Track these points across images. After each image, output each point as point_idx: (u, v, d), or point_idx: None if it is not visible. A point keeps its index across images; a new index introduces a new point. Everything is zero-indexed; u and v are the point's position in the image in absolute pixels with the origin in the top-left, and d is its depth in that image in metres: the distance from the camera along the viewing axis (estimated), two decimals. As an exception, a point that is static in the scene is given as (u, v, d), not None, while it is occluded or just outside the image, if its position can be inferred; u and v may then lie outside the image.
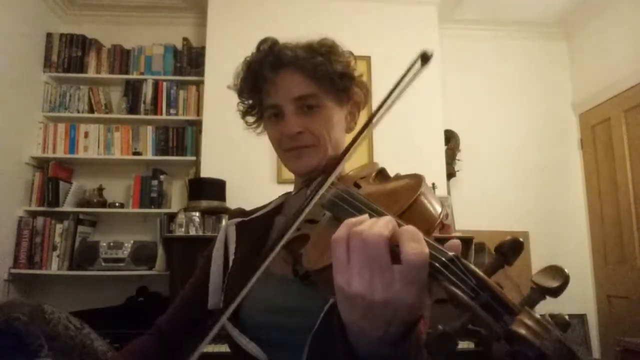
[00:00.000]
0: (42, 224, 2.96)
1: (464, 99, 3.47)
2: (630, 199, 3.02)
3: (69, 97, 3.21)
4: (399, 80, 0.62)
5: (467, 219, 3.14)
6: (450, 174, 3.17)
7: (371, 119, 0.64)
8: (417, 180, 0.60)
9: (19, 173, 2.98)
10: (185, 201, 2.88)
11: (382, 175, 0.78)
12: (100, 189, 3.14)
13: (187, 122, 3.22)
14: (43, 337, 0.83)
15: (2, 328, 0.82)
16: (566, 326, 0.36)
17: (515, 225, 3.24)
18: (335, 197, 0.62)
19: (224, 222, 2.60)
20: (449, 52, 3.37)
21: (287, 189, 1.01)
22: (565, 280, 0.39)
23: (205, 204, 2.71)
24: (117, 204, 3.12)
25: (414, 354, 0.50)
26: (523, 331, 0.35)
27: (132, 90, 3.23)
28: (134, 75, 3.25)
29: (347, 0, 3.16)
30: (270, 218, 0.93)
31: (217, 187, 2.79)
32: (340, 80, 0.86)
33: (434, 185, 2.71)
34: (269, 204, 0.99)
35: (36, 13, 3.14)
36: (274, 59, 0.85)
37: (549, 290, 0.39)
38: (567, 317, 0.37)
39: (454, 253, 0.43)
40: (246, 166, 2.91)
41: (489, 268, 0.42)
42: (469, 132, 3.34)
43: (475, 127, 3.41)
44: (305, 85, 0.84)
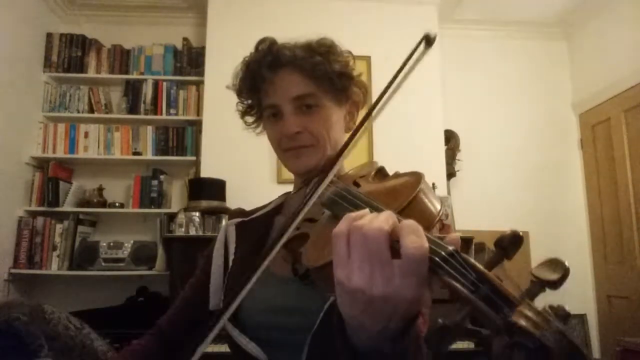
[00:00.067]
0: (42, 224, 2.96)
1: (464, 99, 3.47)
2: (630, 199, 3.02)
3: (69, 97, 3.21)
4: (404, 63, 0.61)
5: (467, 219, 3.13)
6: (450, 174, 3.17)
7: (377, 103, 0.63)
8: (416, 178, 0.60)
9: (19, 173, 2.98)
10: (185, 201, 2.88)
11: (382, 173, 0.78)
12: (100, 189, 3.14)
13: (187, 122, 3.22)
14: (43, 337, 0.83)
15: (2, 328, 0.82)
16: (566, 317, 0.36)
17: (515, 226, 3.10)
18: (334, 195, 0.62)
19: (224, 222, 2.60)
20: (449, 52, 3.37)
21: (287, 189, 1.01)
22: (565, 272, 0.39)
23: (205, 204, 2.71)
24: (117, 204, 3.12)
25: (413, 350, 0.50)
26: (523, 322, 0.35)
27: (132, 90, 3.23)
28: (134, 75, 3.25)
29: (347, 0, 3.16)
30: (270, 218, 0.93)
31: (217, 187, 2.79)
32: (339, 80, 0.86)
33: (434, 185, 2.71)
34: (269, 204, 0.99)
35: (36, 13, 3.13)
36: (272, 58, 0.85)
37: (549, 282, 0.39)
38: (567, 307, 0.37)
39: (453, 247, 0.43)
40: (246, 166, 2.91)
41: (489, 262, 0.42)
42: (469, 132, 3.34)
43: (475, 127, 3.41)
44: (303, 84, 0.84)
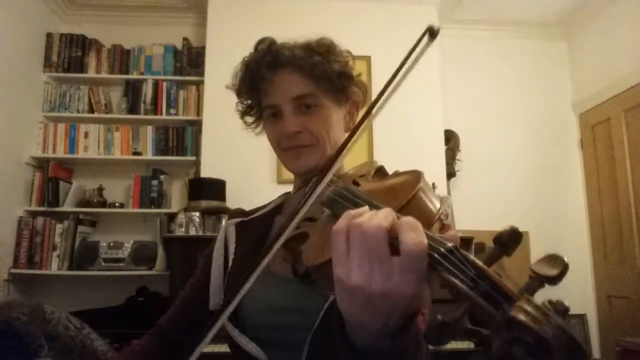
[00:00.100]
0: (42, 224, 2.96)
1: (464, 99, 3.47)
2: (630, 199, 3.02)
3: (69, 97, 3.21)
4: (407, 56, 0.61)
5: (467, 219, 3.13)
6: (450, 174, 3.17)
7: (378, 98, 0.63)
8: (415, 177, 0.59)
9: (19, 173, 2.98)
10: (185, 201, 2.88)
11: (381, 172, 0.78)
12: (100, 189, 3.14)
13: (187, 122, 3.22)
14: (43, 337, 0.83)
15: (2, 328, 0.82)
16: (565, 312, 0.36)
17: (515, 225, 3.23)
18: (334, 194, 0.62)
19: (223, 222, 2.60)
20: (449, 52, 3.37)
21: (287, 189, 1.01)
22: (564, 268, 0.39)
23: (205, 204, 2.71)
24: (117, 204, 3.12)
25: (412, 347, 0.50)
26: (522, 317, 0.35)
27: (132, 90, 3.23)
28: (134, 75, 3.25)
29: (347, 0, 3.16)
30: (270, 218, 0.93)
31: (217, 187, 2.79)
32: (339, 80, 0.86)
33: (434, 185, 2.71)
34: (269, 204, 0.99)
35: (36, 13, 3.14)
36: (271, 58, 0.84)
37: (548, 278, 0.39)
38: (566, 302, 0.37)
39: (452, 244, 0.43)
40: (246, 166, 2.91)
41: (488, 258, 0.42)
42: (469, 132, 3.34)
43: (475, 127, 3.41)
44: (303, 84, 0.83)
